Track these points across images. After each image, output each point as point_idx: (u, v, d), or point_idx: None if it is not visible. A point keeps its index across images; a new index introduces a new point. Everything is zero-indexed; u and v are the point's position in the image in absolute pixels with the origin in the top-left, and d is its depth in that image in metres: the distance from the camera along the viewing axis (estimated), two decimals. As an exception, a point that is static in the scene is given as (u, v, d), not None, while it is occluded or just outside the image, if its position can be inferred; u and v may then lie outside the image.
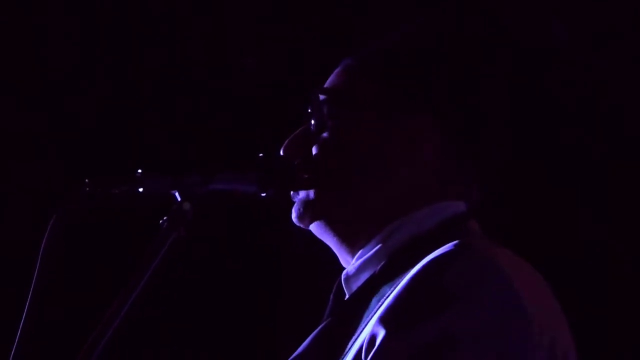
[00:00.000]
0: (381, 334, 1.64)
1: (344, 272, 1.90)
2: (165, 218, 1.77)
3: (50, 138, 3.83)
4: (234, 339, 3.86)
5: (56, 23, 3.80)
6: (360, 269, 1.87)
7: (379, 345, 1.63)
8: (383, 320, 1.66)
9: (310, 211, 1.91)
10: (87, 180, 1.79)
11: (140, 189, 1.81)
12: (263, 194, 1.90)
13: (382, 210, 1.87)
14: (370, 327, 1.67)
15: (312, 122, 1.93)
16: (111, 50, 3.81)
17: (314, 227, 1.92)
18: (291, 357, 1.82)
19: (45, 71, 3.82)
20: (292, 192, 1.93)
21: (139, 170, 1.81)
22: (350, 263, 1.90)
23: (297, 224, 1.93)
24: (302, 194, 1.92)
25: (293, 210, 1.93)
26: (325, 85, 1.96)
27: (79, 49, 3.81)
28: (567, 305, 1.76)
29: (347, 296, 1.89)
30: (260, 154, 1.91)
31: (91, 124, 3.83)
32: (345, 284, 1.89)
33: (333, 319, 1.85)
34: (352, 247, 1.90)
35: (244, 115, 3.82)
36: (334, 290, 1.94)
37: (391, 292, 1.71)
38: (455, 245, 1.71)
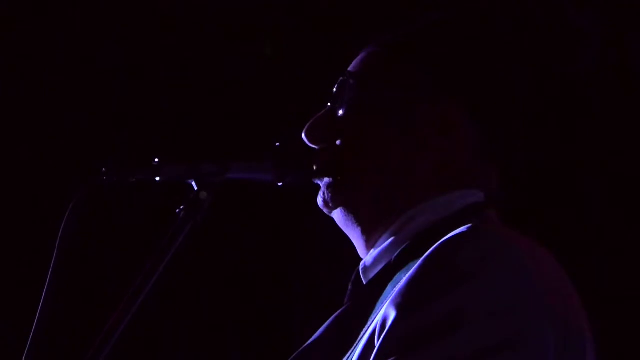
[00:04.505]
0: (392, 315, 1.64)
1: (362, 262, 1.90)
2: (181, 207, 1.77)
3: (64, 127, 3.85)
4: (251, 326, 3.87)
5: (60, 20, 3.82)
6: (377, 259, 1.86)
7: (390, 327, 1.63)
8: (394, 303, 1.66)
9: (337, 196, 1.89)
10: (104, 168, 1.79)
11: (158, 178, 1.81)
12: (280, 183, 1.90)
13: (403, 197, 1.86)
14: (383, 311, 1.67)
15: (337, 106, 1.92)
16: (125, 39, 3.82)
17: (337, 214, 1.91)
18: (308, 342, 1.83)
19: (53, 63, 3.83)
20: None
21: (156, 159, 1.81)
22: (368, 253, 1.89)
23: (322, 209, 1.92)
24: (327, 178, 1.90)
25: (319, 195, 1.91)
26: (351, 70, 1.94)
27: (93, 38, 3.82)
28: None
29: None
30: (277, 143, 1.90)
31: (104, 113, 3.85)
32: (363, 274, 1.89)
33: (349, 306, 1.85)
34: (372, 235, 1.89)
35: (260, 102, 3.82)
36: (352, 279, 1.93)
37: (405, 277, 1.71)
38: (468, 227, 1.71)
